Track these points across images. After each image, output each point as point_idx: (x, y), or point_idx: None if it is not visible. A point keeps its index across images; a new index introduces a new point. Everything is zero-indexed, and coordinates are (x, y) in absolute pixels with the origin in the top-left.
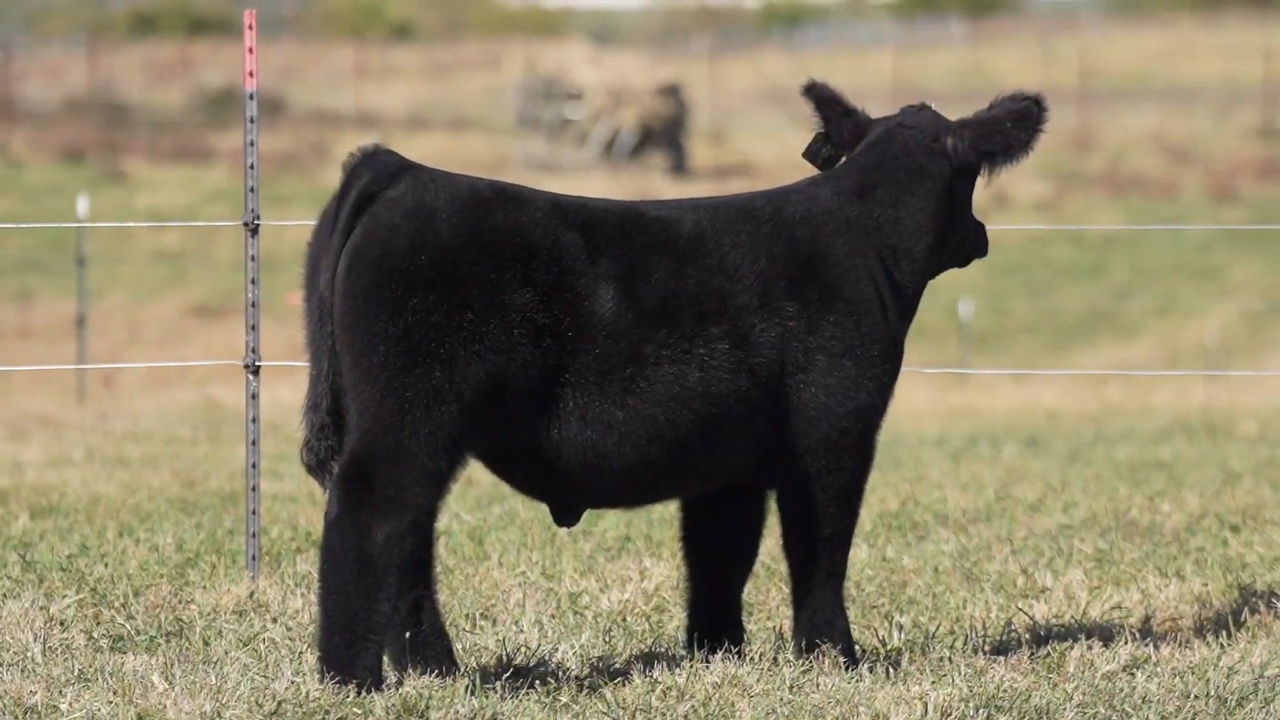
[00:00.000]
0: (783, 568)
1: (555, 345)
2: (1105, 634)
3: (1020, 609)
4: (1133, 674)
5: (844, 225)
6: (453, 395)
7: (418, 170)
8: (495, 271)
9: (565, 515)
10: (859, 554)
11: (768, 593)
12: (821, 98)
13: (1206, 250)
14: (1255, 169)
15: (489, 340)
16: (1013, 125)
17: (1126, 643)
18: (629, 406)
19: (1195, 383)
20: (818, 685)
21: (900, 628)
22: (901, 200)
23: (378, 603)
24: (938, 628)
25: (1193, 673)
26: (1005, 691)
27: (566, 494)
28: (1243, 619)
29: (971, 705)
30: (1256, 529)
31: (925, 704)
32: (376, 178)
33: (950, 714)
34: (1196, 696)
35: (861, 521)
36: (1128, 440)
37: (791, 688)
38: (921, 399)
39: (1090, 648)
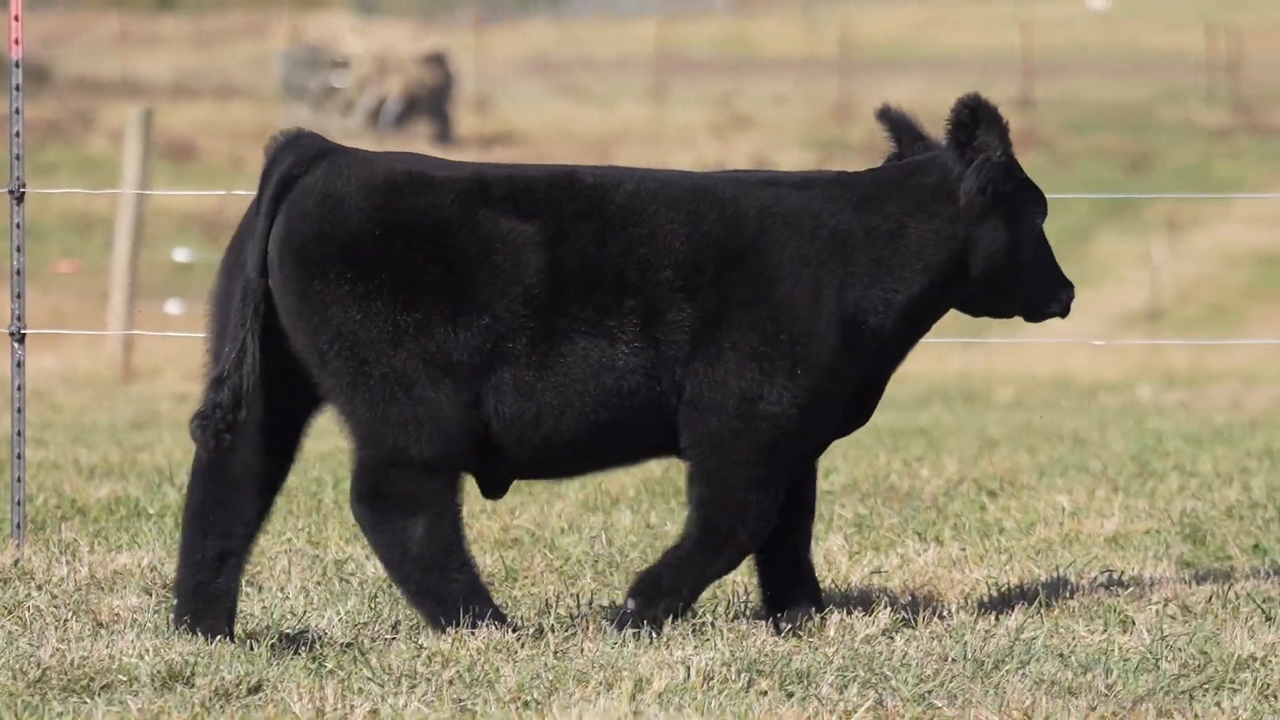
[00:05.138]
0: (529, 537)
1: (476, 321)
2: (865, 598)
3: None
4: (892, 638)
5: (808, 229)
6: (400, 383)
7: (336, 155)
8: (406, 255)
9: (492, 487)
10: (623, 520)
11: (532, 559)
12: (895, 121)
13: None
14: (1014, 139)
15: (410, 324)
16: (989, 142)
17: (886, 607)
18: (550, 378)
19: (953, 350)
20: (582, 650)
21: None
22: (904, 225)
23: (453, 581)
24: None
25: (950, 636)
26: (766, 655)
27: (494, 466)
28: (1000, 583)
29: (733, 669)
30: (1013, 494)
31: (688, 668)
32: (297, 162)
33: (713, 678)
34: (954, 659)
35: (625, 487)
36: (887, 407)
37: (556, 653)
38: None
39: (850, 612)
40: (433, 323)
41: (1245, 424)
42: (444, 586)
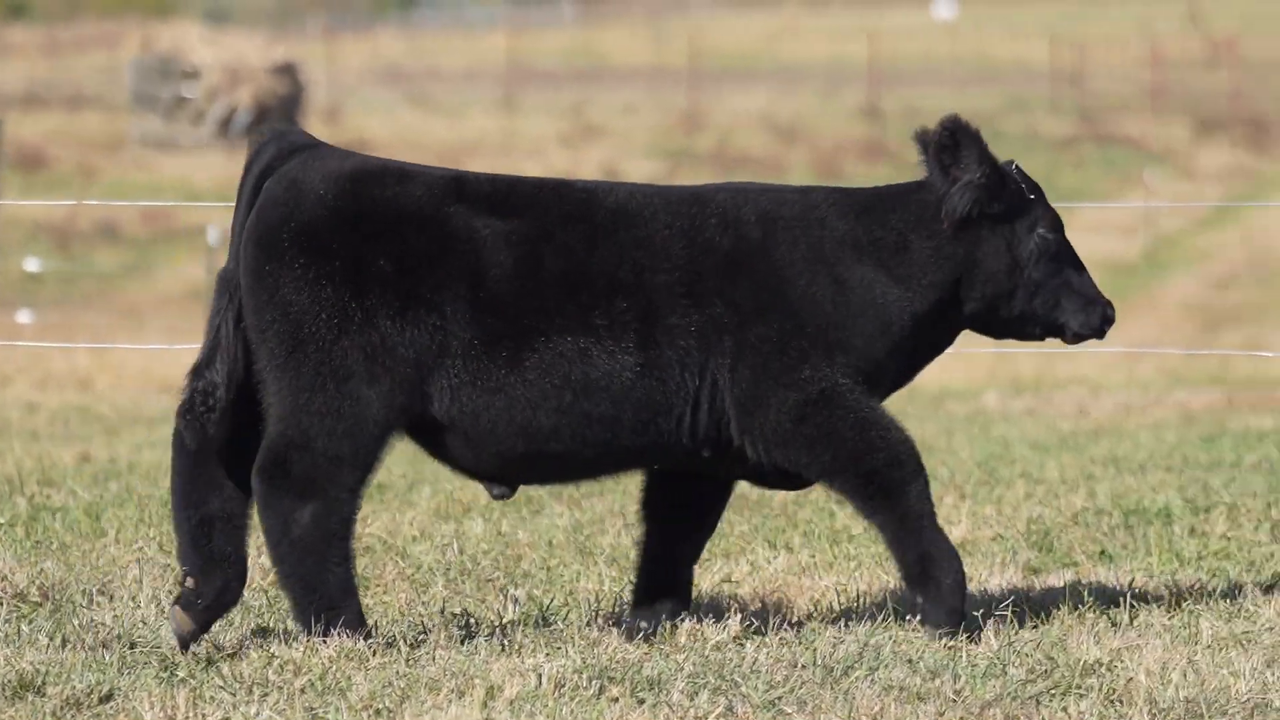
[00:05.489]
0: (380, 545)
1: (426, 319)
2: (716, 606)
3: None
4: (742, 645)
5: (816, 231)
6: (333, 374)
7: (314, 149)
8: (364, 245)
9: (500, 486)
10: (474, 528)
11: (384, 567)
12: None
13: None
14: (860, 148)
15: (366, 315)
16: (956, 169)
17: (736, 614)
18: (513, 381)
19: None
20: (434, 658)
21: (515, 601)
22: (907, 239)
23: (330, 573)
24: (552, 600)
25: (800, 642)
26: (618, 662)
27: (468, 467)
28: (849, 589)
29: (585, 676)
30: None
31: (539, 675)
32: (277, 155)
33: (564, 685)
34: (804, 666)
35: (476, 496)
36: None
37: (408, 661)
38: None
39: (701, 619)
40: (379, 316)
41: (1091, 431)
42: (317, 575)
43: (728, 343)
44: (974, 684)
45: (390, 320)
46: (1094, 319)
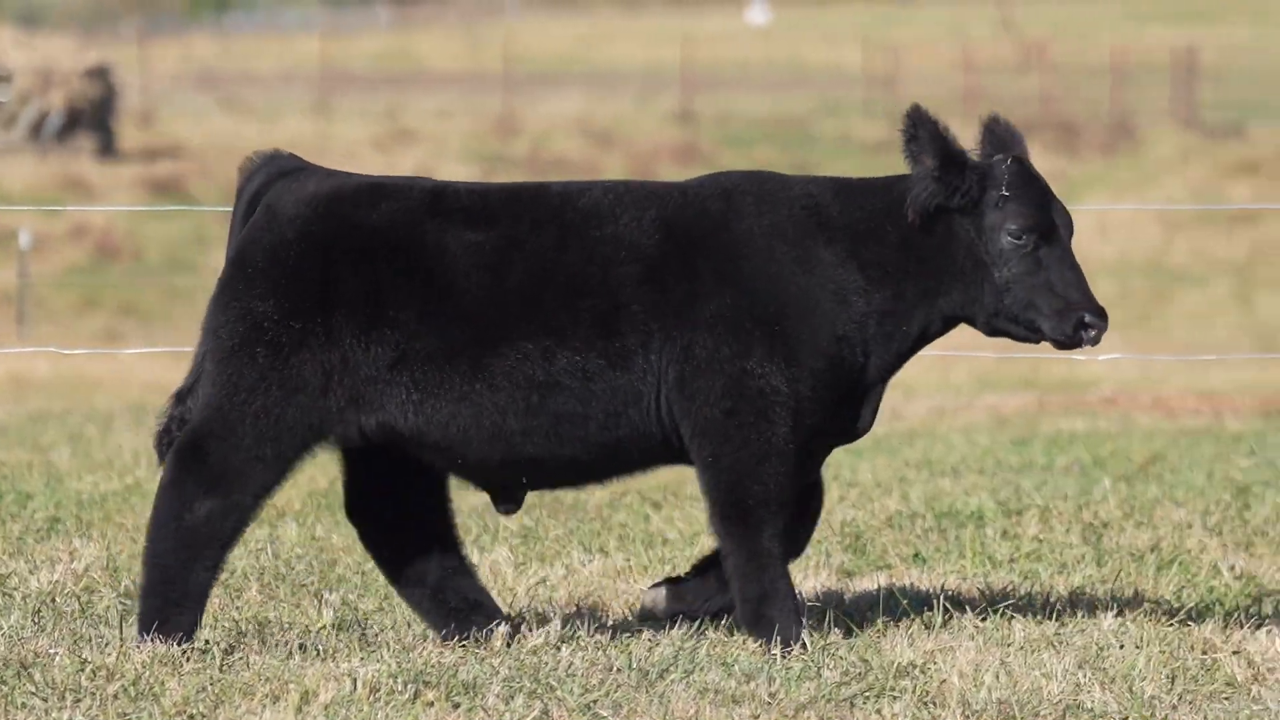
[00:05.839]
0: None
1: (388, 337)
2: (532, 609)
3: None
4: (558, 648)
5: (784, 205)
6: (281, 382)
7: (301, 172)
8: (331, 266)
9: (500, 499)
10: (289, 532)
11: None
12: (991, 134)
13: None
14: (674, 151)
15: (328, 333)
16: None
17: (552, 618)
18: (481, 389)
19: None
20: (248, 663)
21: (330, 606)
22: (885, 227)
23: (194, 572)
24: (367, 605)
25: (615, 646)
26: (433, 667)
27: (483, 479)
28: None
29: (400, 681)
30: (677, 505)
31: (354, 679)
32: (266, 181)
33: (379, 689)
34: (619, 669)
35: (290, 500)
36: None
37: (222, 666)
38: None
39: (517, 623)
40: (343, 334)
41: (904, 434)
42: (183, 569)
43: (683, 324)
44: (789, 687)
45: (353, 339)
46: (1066, 326)
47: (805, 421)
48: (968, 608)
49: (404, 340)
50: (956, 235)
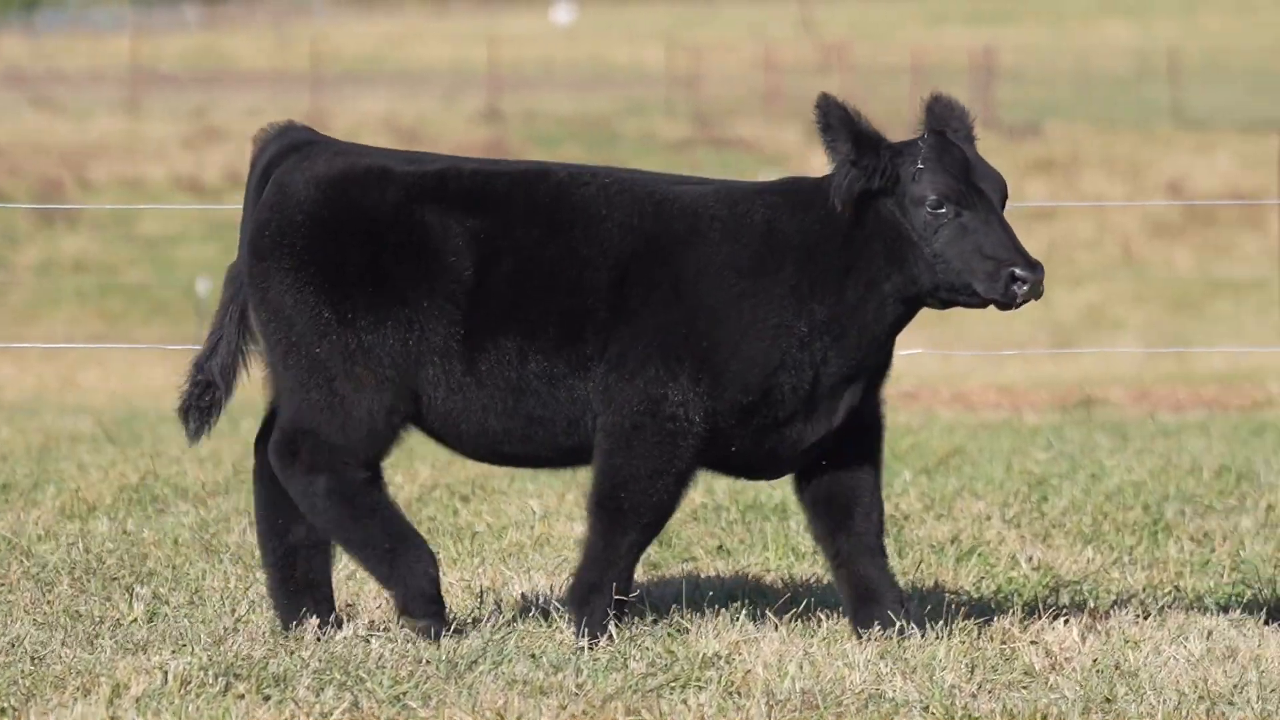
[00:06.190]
0: (4, 544)
1: (402, 316)
2: (343, 603)
3: (259, 579)
4: (368, 641)
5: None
6: (332, 372)
7: (313, 147)
8: (340, 250)
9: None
10: (100, 527)
11: (8, 566)
12: (932, 112)
13: None
14: (479, 150)
15: (341, 311)
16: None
17: (362, 610)
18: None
19: None
20: (59, 656)
21: (141, 599)
22: (826, 224)
23: (370, 519)
24: (178, 599)
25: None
26: (244, 659)
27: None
28: (473, 585)
29: (210, 673)
30: (485, 499)
31: (165, 673)
32: (278, 154)
33: (190, 682)
34: (429, 661)
35: (102, 495)
36: None
37: (33, 659)
38: (159, 376)
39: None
40: (357, 319)
41: None
42: (356, 524)
43: (625, 330)
44: (596, 678)
45: (366, 322)
46: (998, 285)
47: (730, 446)
48: (772, 599)
49: (415, 324)
50: (884, 218)
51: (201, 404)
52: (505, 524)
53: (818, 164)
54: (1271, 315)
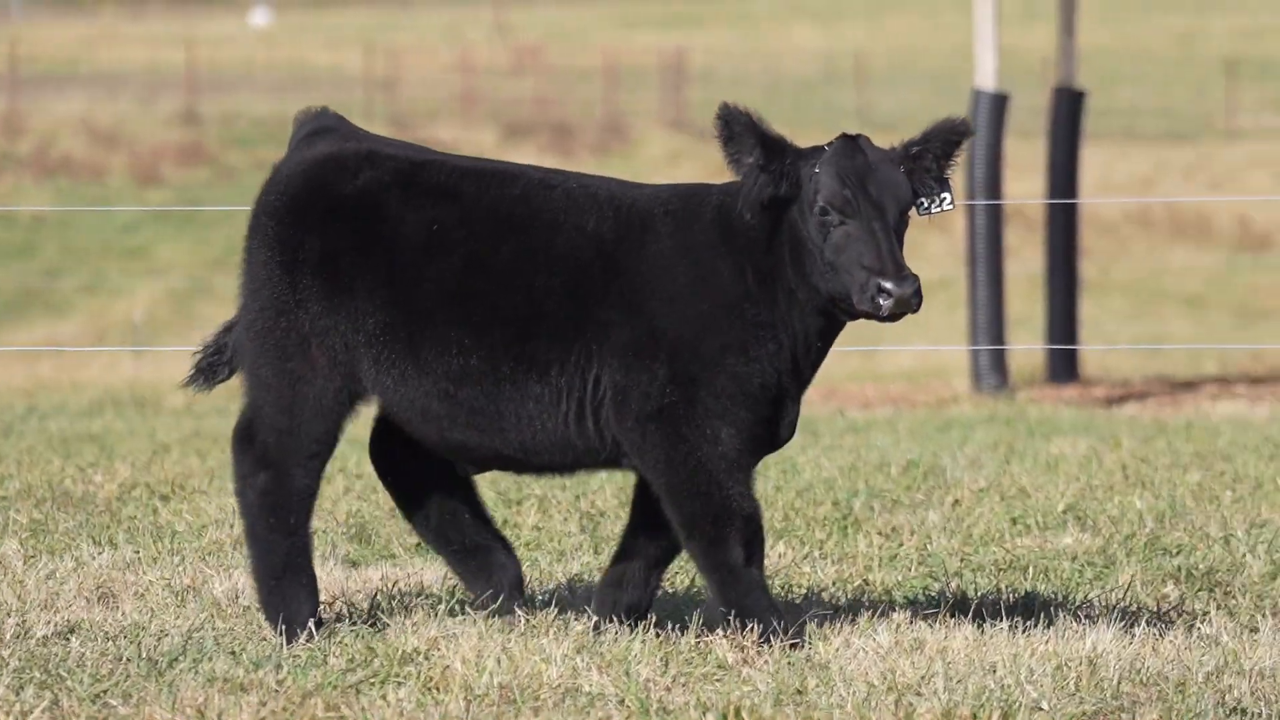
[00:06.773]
0: None
1: (369, 303)
2: (42, 601)
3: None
4: (68, 639)
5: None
6: (287, 352)
7: (317, 134)
8: (304, 233)
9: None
10: None
11: None
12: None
13: (133, 231)
14: (178, 152)
15: (306, 295)
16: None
17: (63, 609)
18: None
19: (124, 358)
20: None
21: None
22: (754, 231)
23: (277, 539)
24: None
25: (125, 636)
26: None
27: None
28: (173, 584)
29: None
30: (185, 498)
31: None
32: (303, 139)
33: None
34: (129, 659)
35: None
36: (59, 414)
37: None
38: None
39: (26, 614)
40: (310, 301)
41: None
42: (268, 539)
43: (608, 339)
44: (296, 674)
45: (321, 306)
46: (866, 297)
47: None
48: (469, 596)
49: (361, 310)
50: (795, 226)
51: (209, 364)
52: (205, 523)
53: None
54: (957, 314)
